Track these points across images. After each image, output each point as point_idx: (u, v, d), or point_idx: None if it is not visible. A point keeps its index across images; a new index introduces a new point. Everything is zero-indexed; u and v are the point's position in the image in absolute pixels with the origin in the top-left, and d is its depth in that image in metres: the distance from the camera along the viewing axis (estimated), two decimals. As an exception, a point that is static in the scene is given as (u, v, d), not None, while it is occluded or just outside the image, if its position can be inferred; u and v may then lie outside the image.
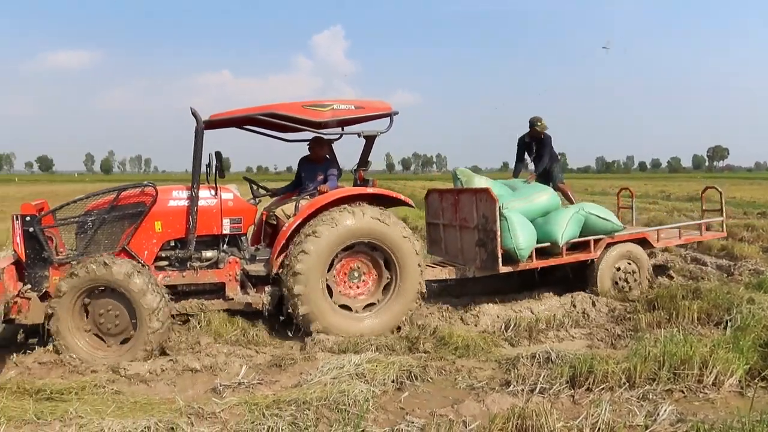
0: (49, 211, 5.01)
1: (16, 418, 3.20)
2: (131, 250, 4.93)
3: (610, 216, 6.05)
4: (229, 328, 4.99)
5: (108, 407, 3.40)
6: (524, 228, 5.63)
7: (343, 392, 3.47)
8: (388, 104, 5.49)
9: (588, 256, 6.01)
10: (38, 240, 4.74)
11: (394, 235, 5.05)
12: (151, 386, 3.97)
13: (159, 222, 5.04)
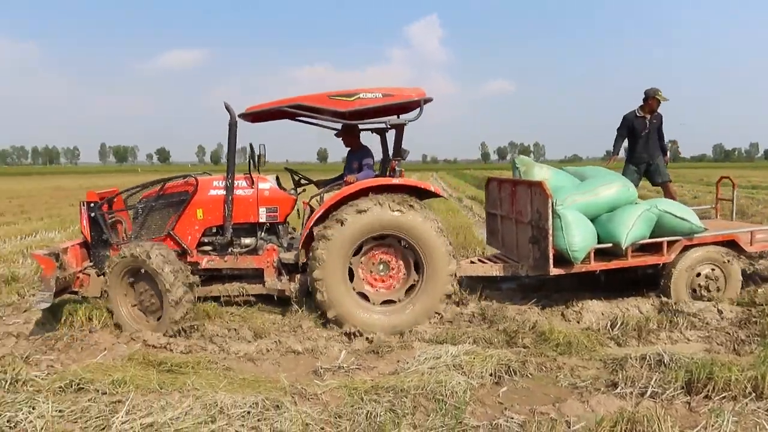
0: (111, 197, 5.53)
1: (143, 386, 3.53)
2: (176, 235, 5.29)
3: (689, 215, 5.27)
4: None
5: (220, 382, 3.65)
6: (581, 227, 5.07)
7: (440, 383, 3.47)
8: (421, 90, 5.22)
9: (659, 260, 5.32)
10: (100, 224, 5.29)
11: (415, 227, 4.86)
12: (258, 365, 4.20)
13: (200, 210, 5.33)
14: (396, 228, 4.88)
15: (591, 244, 5.12)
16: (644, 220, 5.16)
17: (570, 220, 5.03)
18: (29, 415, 3.08)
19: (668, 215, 5.22)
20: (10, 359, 4.08)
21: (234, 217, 5.30)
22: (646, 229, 5.22)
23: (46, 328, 4.83)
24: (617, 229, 5.11)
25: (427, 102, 5.24)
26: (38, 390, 3.51)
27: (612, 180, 5.54)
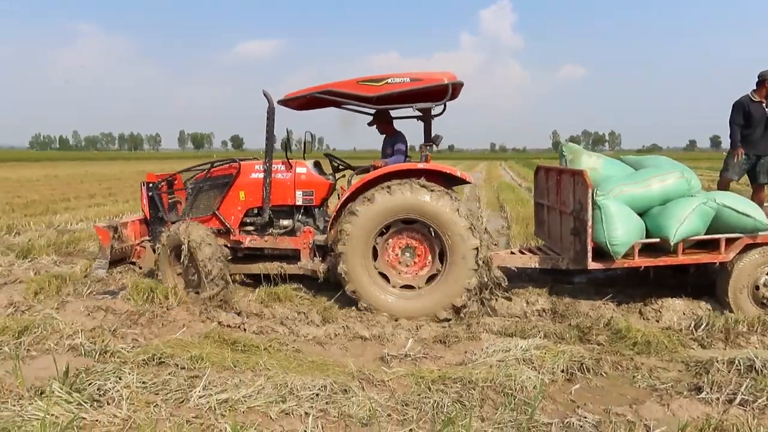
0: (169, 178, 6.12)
1: (218, 363, 3.68)
2: (220, 215, 5.66)
3: (754, 210, 4.77)
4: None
5: (290, 363, 3.75)
6: (624, 220, 4.76)
7: (509, 376, 3.39)
8: (451, 74, 5.07)
9: (715, 258, 4.86)
10: (156, 202, 5.90)
11: (437, 211, 4.77)
12: (326, 349, 4.28)
13: (243, 191, 5.65)
14: (414, 211, 4.85)
15: (635, 238, 4.81)
16: (699, 214, 4.74)
17: (612, 212, 4.75)
18: (116, 385, 3.28)
19: (728, 210, 4.76)
20: (100, 331, 4.37)
21: (272, 199, 5.57)
22: (701, 225, 4.78)
23: (130, 303, 5.13)
24: (667, 223, 4.74)
25: (457, 87, 5.12)
26: (124, 361, 3.74)
27: (669, 170, 5.12)
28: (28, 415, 2.96)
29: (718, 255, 4.85)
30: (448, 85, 5.01)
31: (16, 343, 4.12)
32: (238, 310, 5.09)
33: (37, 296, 5.33)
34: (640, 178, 5.08)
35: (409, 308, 4.91)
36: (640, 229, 4.89)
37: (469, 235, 4.78)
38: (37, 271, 6.31)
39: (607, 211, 4.75)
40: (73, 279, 5.76)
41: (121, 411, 3.04)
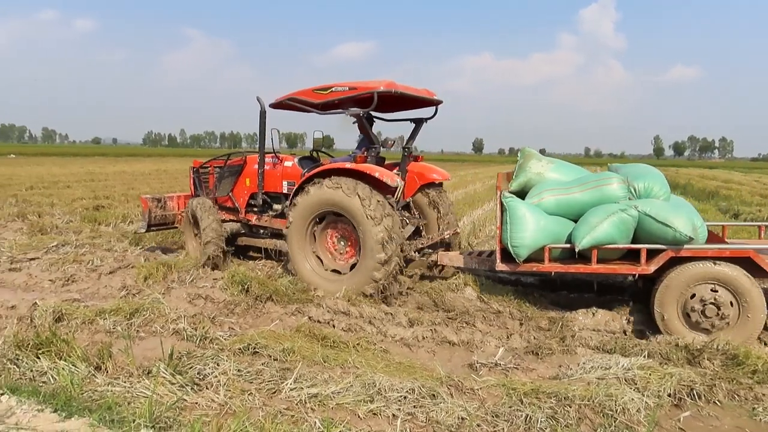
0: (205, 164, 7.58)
1: (309, 358, 3.75)
2: (233, 197, 6.99)
3: (675, 220, 4.33)
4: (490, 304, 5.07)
5: (378, 363, 3.74)
6: (528, 223, 4.69)
7: (610, 396, 3.16)
8: (381, 82, 5.45)
9: (633, 270, 4.53)
10: (197, 183, 7.47)
11: (347, 204, 5.28)
12: (413, 351, 4.23)
13: (248, 179, 6.84)
14: (335, 205, 5.41)
15: (542, 242, 4.72)
16: (616, 221, 4.50)
17: (516, 214, 4.75)
18: (214, 371, 3.43)
19: (648, 218, 4.44)
20: (200, 318, 4.61)
21: (265, 187, 6.63)
22: (616, 233, 4.53)
23: (227, 293, 5.38)
24: (579, 229, 4.63)
25: (385, 94, 5.44)
26: (221, 349, 3.91)
27: (596, 180, 4.93)
28: (137, 393, 3.17)
29: (636, 267, 4.53)
30: (375, 93, 5.38)
31: (128, 323, 4.45)
32: (327, 307, 5.19)
33: (147, 281, 5.73)
34: (568, 185, 5.03)
35: (330, 288, 5.48)
36: (549, 234, 4.77)
37: (374, 230, 5.16)
38: (146, 258, 6.79)
39: (511, 213, 4.77)
40: (177, 267, 6.13)
41: (219, 396, 3.17)
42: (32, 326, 4.31)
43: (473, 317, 4.84)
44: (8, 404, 2.97)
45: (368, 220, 5.17)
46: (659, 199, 4.71)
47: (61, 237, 7.93)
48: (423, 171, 6.46)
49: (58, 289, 5.64)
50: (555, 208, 4.93)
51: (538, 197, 4.97)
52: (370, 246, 5.20)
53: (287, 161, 6.60)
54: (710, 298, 4.30)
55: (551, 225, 4.82)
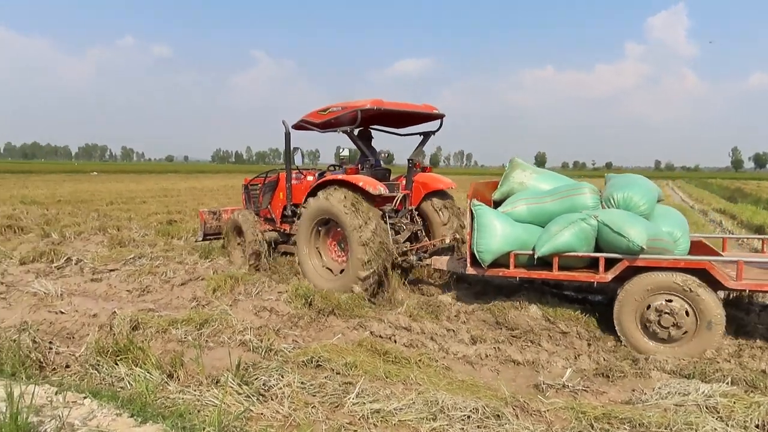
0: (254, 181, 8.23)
1: (371, 373, 3.74)
2: (270, 209, 7.66)
3: (629, 230, 4.41)
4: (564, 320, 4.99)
5: (440, 380, 3.69)
6: (492, 229, 4.97)
7: (690, 425, 2.96)
8: (367, 101, 6.02)
9: (592, 278, 4.66)
10: (247, 197, 8.25)
11: (336, 211, 5.92)
12: (476, 369, 4.15)
13: (281, 193, 7.42)
14: (327, 213, 6.09)
15: (504, 248, 4.95)
16: (575, 230, 4.69)
17: (482, 221, 5.01)
18: (279, 382, 3.49)
19: (606, 228, 4.56)
20: (265, 330, 4.73)
21: (293, 199, 7.19)
22: (575, 241, 4.70)
23: (291, 306, 5.49)
24: (541, 237, 4.86)
25: (367, 110, 6.01)
26: (286, 361, 3.98)
27: (573, 190, 5.15)
28: (206, 401, 3.27)
29: (594, 275, 4.65)
30: (358, 110, 5.98)
31: (198, 333, 4.62)
32: (389, 322, 5.19)
33: (215, 293, 5.94)
34: (546, 194, 5.26)
35: (322, 285, 6.09)
36: (515, 241, 4.99)
37: (356, 234, 5.73)
38: (215, 270, 7.05)
39: (479, 221, 5.03)
40: (244, 280, 6.32)
41: (283, 408, 3.22)
42: (111, 334, 4.55)
43: (538, 336, 4.70)
44: (90, 407, 3.14)
45: (352, 226, 5.78)
46: (639, 209, 4.82)
47: (138, 250, 8.37)
48: (428, 180, 6.86)
49: (135, 299, 5.94)
50: (527, 217, 5.18)
51: (512, 206, 5.29)
52: (355, 248, 5.77)
53: (310, 176, 7.35)
54: (666, 308, 4.32)
55: (518, 232, 5.03)
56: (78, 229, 10.53)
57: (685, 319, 4.27)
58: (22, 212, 13.23)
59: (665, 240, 4.63)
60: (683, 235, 4.83)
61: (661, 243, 4.56)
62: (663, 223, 4.89)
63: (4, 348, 3.99)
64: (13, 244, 8.84)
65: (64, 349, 4.26)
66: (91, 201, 17.80)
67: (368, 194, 5.97)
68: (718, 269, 4.26)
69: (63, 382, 3.54)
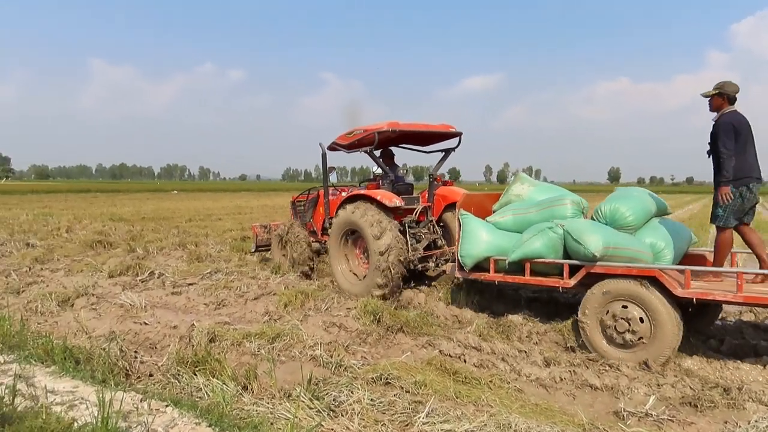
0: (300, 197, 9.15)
1: (440, 392, 3.69)
2: (313, 222, 8.45)
3: (587, 238, 4.71)
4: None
5: (513, 403, 3.57)
6: (474, 236, 5.52)
7: (793, 463, 2.70)
8: (384, 124, 6.73)
9: (555, 284, 5.05)
10: (294, 212, 9.10)
11: (358, 222, 6.61)
12: (550, 393, 3.99)
13: (321, 208, 8.12)
14: (352, 224, 6.79)
15: (484, 254, 5.47)
16: (543, 238, 5.04)
17: (466, 229, 5.60)
18: (349, 398, 3.51)
19: (569, 237, 4.89)
20: (335, 346, 4.78)
21: (330, 213, 7.78)
22: (543, 249, 5.05)
23: (359, 323, 5.53)
24: (514, 245, 5.25)
25: (385, 132, 6.70)
26: (355, 377, 4.00)
27: (555, 201, 5.51)
28: (278, 414, 3.34)
29: (559, 281, 5.00)
30: (377, 132, 6.69)
31: (270, 347, 4.74)
32: (457, 341, 5.10)
33: (286, 308, 6.09)
34: (533, 205, 5.67)
35: (348, 288, 6.86)
36: (496, 248, 5.46)
37: (376, 243, 6.37)
38: (286, 286, 7.23)
39: (463, 228, 5.63)
40: (313, 296, 6.45)
41: (353, 425, 3.23)
42: (190, 345, 4.76)
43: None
44: (172, 416, 3.28)
45: (371, 235, 6.42)
46: (626, 220, 5.07)
47: (214, 265, 8.75)
48: (448, 193, 7.39)
49: (211, 312, 6.19)
50: (513, 226, 5.63)
51: (501, 215, 5.81)
52: (374, 256, 6.41)
53: (344, 192, 7.92)
54: (622, 314, 4.49)
55: (499, 240, 5.50)
56: (160, 245, 11.15)
57: (640, 326, 4.41)
58: (111, 228, 14.19)
59: (635, 249, 4.81)
60: (666, 246, 5.00)
61: (627, 252, 4.76)
62: (648, 235, 5.09)
63: (95, 356, 4.27)
64: (102, 258, 9.48)
65: (147, 359, 4.50)
66: (171, 218, 18.85)
67: (385, 206, 6.60)
68: (667, 278, 4.36)
69: (147, 390, 3.72)
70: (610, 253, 4.69)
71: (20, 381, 3.71)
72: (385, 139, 7.07)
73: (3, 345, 4.58)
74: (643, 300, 4.41)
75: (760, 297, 4.12)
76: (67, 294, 6.68)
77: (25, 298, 6.75)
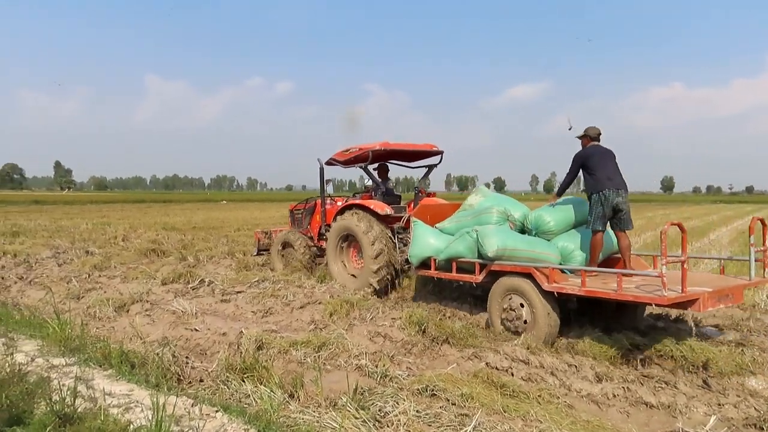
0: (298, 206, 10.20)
1: (487, 405, 3.62)
2: (310, 229, 9.44)
3: (485, 241, 5.70)
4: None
5: (563, 419, 3.46)
6: (419, 239, 6.61)
7: None
8: (377, 144, 7.80)
9: (469, 279, 6.05)
10: (293, 219, 10.13)
11: (354, 229, 7.58)
12: (603, 410, 3.85)
13: (318, 215, 9.15)
14: (348, 230, 7.76)
15: (426, 254, 6.50)
16: (462, 241, 6.04)
17: (416, 233, 6.74)
18: (395, 409, 3.49)
19: (477, 240, 5.80)
20: (380, 356, 4.77)
21: (326, 220, 8.75)
22: (462, 249, 6.02)
23: (404, 333, 5.50)
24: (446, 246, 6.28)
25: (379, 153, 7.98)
26: (400, 388, 3.98)
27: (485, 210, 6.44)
28: (324, 423, 3.35)
29: (474, 277, 5.94)
30: (370, 151, 7.76)
31: (316, 356, 4.78)
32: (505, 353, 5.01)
33: (332, 317, 6.13)
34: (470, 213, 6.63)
35: (345, 285, 7.68)
36: (435, 249, 6.46)
37: (370, 247, 7.32)
38: (331, 295, 7.29)
39: (413, 232, 6.80)
40: (359, 305, 6.47)
41: (399, 436, 3.20)
42: (239, 352, 4.85)
43: (675, 376, 4.27)
44: (221, 421, 3.35)
45: (366, 241, 7.35)
46: (547, 226, 6.00)
47: (261, 273, 8.92)
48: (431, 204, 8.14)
49: (259, 320, 6.31)
50: (454, 230, 6.50)
51: (448, 222, 6.81)
52: (368, 258, 7.35)
53: (340, 202, 8.87)
54: (511, 304, 5.44)
55: (441, 243, 6.44)
56: (210, 253, 11.47)
57: (523, 314, 5.31)
58: (164, 237, 14.72)
59: (537, 251, 5.66)
60: (576, 249, 5.82)
61: (525, 253, 5.62)
62: (563, 240, 5.93)
63: (149, 360, 4.41)
64: (156, 266, 9.83)
65: (198, 364, 4.62)
66: (221, 227, 19.38)
67: (377, 215, 7.56)
68: (539, 274, 5.24)
69: (198, 395, 3.81)
70: (508, 254, 5.64)
71: (80, 383, 3.87)
72: (377, 156, 8.20)
73: (65, 348, 4.80)
74: (524, 293, 5.32)
75: (597, 291, 4.93)
76: (123, 300, 6.96)
77: (85, 303, 7.08)
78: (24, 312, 6.45)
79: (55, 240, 14.23)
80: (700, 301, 4.51)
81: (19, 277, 9.10)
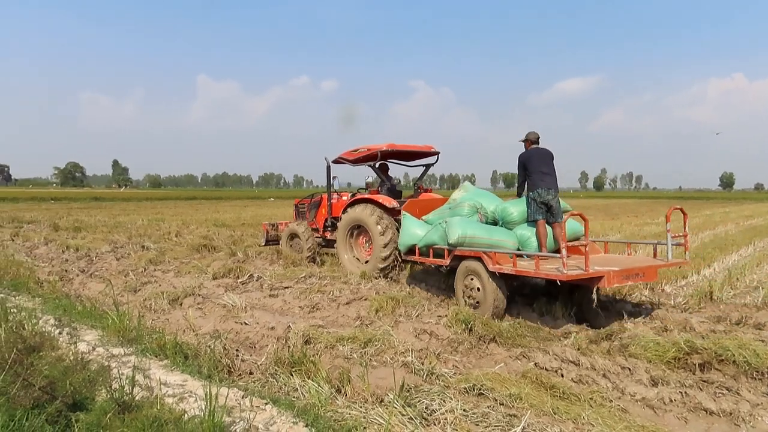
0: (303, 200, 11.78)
1: (536, 407, 3.55)
2: (316, 221, 10.66)
3: (449, 230, 6.55)
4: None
5: (616, 423, 3.36)
6: (407, 229, 7.59)
7: None
8: (384, 144, 8.73)
9: (438, 262, 7.04)
10: (297, 213, 11.49)
11: (366, 220, 8.42)
12: (659, 415, 3.71)
13: (324, 209, 10.40)
14: (359, 221, 8.65)
15: (410, 242, 7.45)
16: (436, 230, 6.89)
17: (404, 224, 7.72)
18: (441, 407, 3.47)
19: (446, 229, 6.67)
20: (426, 353, 4.75)
21: (332, 213, 10.04)
22: (437, 238, 6.86)
23: (451, 330, 5.46)
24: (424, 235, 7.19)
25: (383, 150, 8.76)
26: (447, 386, 3.95)
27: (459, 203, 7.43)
28: (371, 419, 3.36)
29: (443, 260, 6.86)
30: (377, 152, 8.78)
31: (362, 351, 4.80)
32: (554, 354, 4.89)
33: (378, 313, 6.15)
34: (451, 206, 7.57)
35: (354, 271, 8.60)
36: (415, 237, 7.40)
37: (380, 237, 8.21)
38: (377, 291, 7.32)
39: (402, 224, 7.79)
40: (404, 302, 6.47)
41: (446, 434, 3.18)
42: (287, 346, 4.94)
43: (737, 382, 4.06)
44: (271, 413, 3.42)
45: (377, 231, 8.25)
46: (511, 216, 6.95)
47: (308, 269, 9.05)
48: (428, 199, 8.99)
49: (306, 315, 6.40)
50: (436, 221, 7.25)
51: (433, 215, 7.81)
52: (378, 247, 8.25)
53: (345, 196, 10.09)
54: (469, 284, 6.36)
55: (422, 232, 7.33)
56: (258, 249, 11.72)
57: (477, 292, 6.23)
58: (215, 233, 15.14)
59: (495, 238, 6.53)
60: (532, 236, 6.65)
61: (484, 240, 6.48)
62: (523, 228, 6.80)
63: (201, 352, 4.55)
64: (207, 261, 10.12)
65: (247, 357, 4.72)
66: (268, 224, 19.74)
67: (386, 208, 8.44)
68: (486, 258, 6.11)
69: (248, 387, 3.91)
70: (468, 241, 6.46)
71: (138, 372, 4.03)
72: (383, 155, 9.21)
73: (123, 338, 5.01)
74: (478, 273, 6.21)
75: (524, 271, 5.74)
76: (176, 294, 7.20)
77: (141, 296, 7.37)
78: (86, 303, 6.77)
79: (113, 235, 14.89)
80: (605, 278, 5.34)
81: (81, 270, 9.57)
